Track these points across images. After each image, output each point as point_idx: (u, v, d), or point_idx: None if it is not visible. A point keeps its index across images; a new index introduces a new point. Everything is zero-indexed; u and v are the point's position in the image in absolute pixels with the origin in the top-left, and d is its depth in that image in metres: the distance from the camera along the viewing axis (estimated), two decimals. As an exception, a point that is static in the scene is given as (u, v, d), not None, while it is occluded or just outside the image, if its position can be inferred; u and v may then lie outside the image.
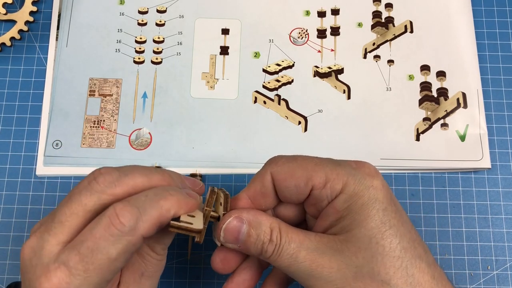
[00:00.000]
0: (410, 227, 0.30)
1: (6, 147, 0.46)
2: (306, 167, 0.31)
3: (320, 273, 0.29)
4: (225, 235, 0.31)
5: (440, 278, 0.29)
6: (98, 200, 0.28)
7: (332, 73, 0.48)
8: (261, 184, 0.32)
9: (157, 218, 0.28)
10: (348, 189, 0.30)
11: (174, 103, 0.47)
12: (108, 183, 0.28)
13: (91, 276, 0.27)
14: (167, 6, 0.50)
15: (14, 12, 0.50)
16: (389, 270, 0.28)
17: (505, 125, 0.47)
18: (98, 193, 0.28)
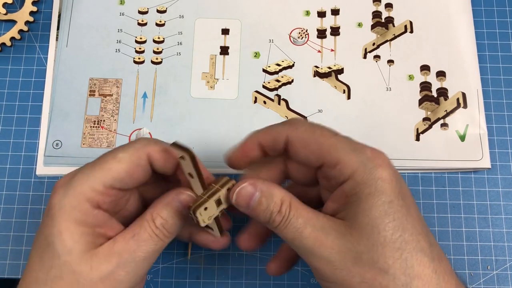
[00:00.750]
0: (417, 221, 0.30)
1: (6, 147, 0.46)
2: (321, 144, 0.31)
3: (322, 252, 0.30)
4: (237, 199, 0.32)
5: (443, 273, 0.29)
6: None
7: (332, 73, 0.48)
8: (274, 139, 0.33)
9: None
10: (357, 176, 0.30)
11: (174, 103, 0.47)
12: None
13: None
14: (167, 6, 0.50)
15: (14, 12, 0.50)
16: (388, 259, 0.29)
17: (505, 125, 0.47)
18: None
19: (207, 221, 0.32)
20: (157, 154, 0.33)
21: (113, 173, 0.31)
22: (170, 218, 0.32)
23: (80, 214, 0.30)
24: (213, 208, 0.32)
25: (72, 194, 0.31)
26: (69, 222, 0.30)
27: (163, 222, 0.32)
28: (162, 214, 0.32)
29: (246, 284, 0.43)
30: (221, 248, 0.37)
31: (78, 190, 0.31)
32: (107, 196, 0.31)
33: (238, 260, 0.43)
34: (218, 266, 0.43)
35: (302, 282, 0.43)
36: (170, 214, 0.32)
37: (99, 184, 0.31)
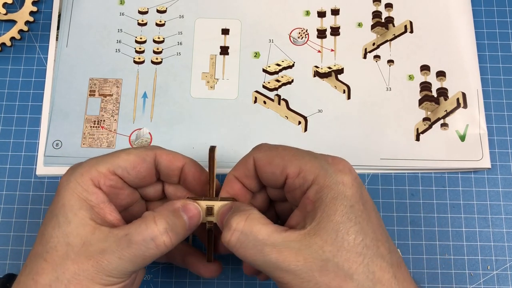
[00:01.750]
0: (377, 227, 0.31)
1: (6, 147, 0.46)
2: (283, 157, 0.33)
3: (288, 266, 0.29)
4: (216, 221, 0.34)
5: (402, 279, 0.30)
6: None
7: (332, 73, 0.48)
8: (245, 167, 0.34)
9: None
10: (319, 180, 0.31)
11: (174, 103, 0.47)
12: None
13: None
14: (167, 6, 0.50)
15: (14, 12, 0.50)
16: (352, 265, 0.29)
17: (505, 125, 0.47)
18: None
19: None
20: (164, 155, 0.35)
21: (119, 161, 0.33)
22: (177, 225, 0.32)
23: (82, 190, 0.32)
24: (202, 211, 0.34)
25: (78, 172, 0.33)
26: (72, 196, 0.32)
27: (167, 227, 0.31)
28: (168, 219, 0.32)
29: (246, 284, 0.43)
30: (211, 276, 0.37)
31: (85, 169, 0.33)
32: (108, 180, 0.33)
33: (238, 260, 0.43)
34: (218, 266, 0.43)
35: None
36: (176, 220, 0.32)
37: (104, 167, 0.33)
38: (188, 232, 0.33)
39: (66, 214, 0.31)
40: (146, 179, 0.35)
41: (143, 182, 0.35)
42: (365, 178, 0.45)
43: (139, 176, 0.34)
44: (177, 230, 0.32)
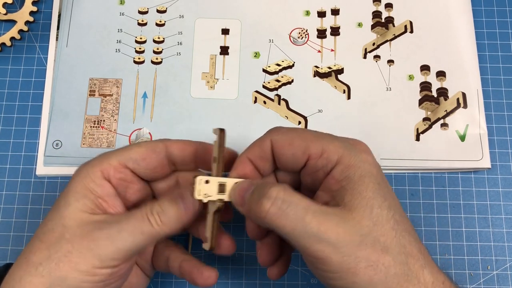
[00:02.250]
0: (399, 204, 0.32)
1: (6, 147, 0.46)
2: (304, 138, 0.33)
3: (328, 237, 0.29)
4: (233, 195, 0.33)
5: (426, 253, 0.31)
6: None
7: (332, 73, 0.48)
8: (260, 149, 0.34)
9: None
10: (344, 160, 0.31)
11: (174, 103, 0.47)
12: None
13: None
14: (167, 6, 0.50)
15: (14, 12, 0.50)
16: (387, 238, 0.30)
17: (505, 125, 0.47)
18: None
19: (202, 196, 0.32)
20: (175, 144, 0.35)
21: (130, 153, 0.34)
22: (168, 209, 0.32)
23: (89, 180, 0.33)
24: (213, 189, 0.32)
25: (90, 164, 0.34)
26: (78, 184, 0.33)
27: (159, 210, 0.32)
28: (162, 204, 0.32)
29: (246, 284, 0.43)
30: (207, 284, 0.35)
31: (97, 161, 0.34)
32: (118, 172, 0.33)
33: (238, 260, 0.43)
34: (218, 266, 0.43)
35: (302, 282, 0.43)
36: (169, 205, 0.32)
37: (115, 159, 0.34)
38: (183, 219, 0.32)
39: (67, 199, 0.32)
40: (157, 170, 0.35)
41: (154, 173, 0.35)
42: (365, 178, 0.45)
43: (149, 167, 0.34)
44: (169, 213, 0.32)
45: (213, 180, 0.32)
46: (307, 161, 0.33)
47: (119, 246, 0.31)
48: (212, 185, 0.32)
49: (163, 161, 0.35)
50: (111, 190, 0.33)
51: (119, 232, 0.31)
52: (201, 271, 0.35)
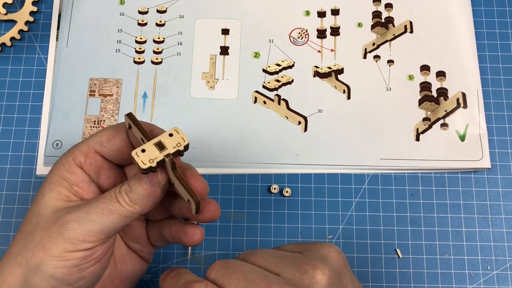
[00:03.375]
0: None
1: (6, 147, 0.46)
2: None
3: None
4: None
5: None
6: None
7: (332, 73, 0.48)
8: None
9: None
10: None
11: (174, 103, 0.47)
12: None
13: None
14: (167, 6, 0.50)
15: (14, 12, 0.50)
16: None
17: (505, 125, 0.47)
18: None
19: (148, 163, 0.30)
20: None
21: (97, 137, 0.34)
22: (135, 186, 0.32)
23: (63, 169, 0.33)
24: (153, 151, 0.31)
25: (64, 155, 0.34)
26: (53, 174, 0.33)
27: (127, 188, 0.32)
28: (129, 183, 0.32)
29: (246, 284, 0.43)
30: (195, 242, 0.35)
31: (70, 151, 0.34)
32: (87, 158, 0.34)
33: (238, 260, 0.43)
34: (218, 266, 0.43)
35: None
36: (135, 182, 0.32)
37: (84, 146, 0.34)
38: (151, 195, 0.32)
39: (43, 190, 0.33)
40: (123, 150, 0.34)
41: (122, 155, 0.34)
42: (365, 178, 0.45)
43: (115, 148, 0.34)
44: (136, 191, 0.31)
45: (147, 145, 0.31)
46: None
47: (89, 227, 0.31)
48: (150, 149, 0.31)
49: (127, 142, 0.34)
50: (84, 176, 0.33)
51: (88, 214, 0.31)
52: (184, 230, 0.35)
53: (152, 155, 0.31)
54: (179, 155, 0.31)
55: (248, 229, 0.44)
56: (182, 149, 0.31)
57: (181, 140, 0.31)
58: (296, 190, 0.45)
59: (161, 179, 0.32)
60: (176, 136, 0.31)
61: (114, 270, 0.36)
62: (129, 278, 0.37)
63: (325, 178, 0.45)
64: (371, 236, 0.44)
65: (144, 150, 0.30)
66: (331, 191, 0.45)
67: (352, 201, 0.45)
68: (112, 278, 0.36)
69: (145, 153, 0.30)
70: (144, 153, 0.30)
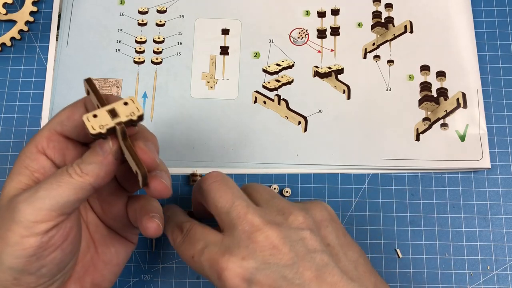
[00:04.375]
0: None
1: (6, 147, 0.46)
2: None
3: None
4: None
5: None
6: None
7: (332, 73, 0.48)
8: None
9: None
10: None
11: (174, 103, 0.47)
12: None
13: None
14: (167, 6, 0.50)
15: (14, 12, 0.50)
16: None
17: (505, 125, 0.47)
18: None
19: (98, 129, 0.29)
20: (88, 98, 0.33)
21: (56, 118, 0.33)
22: (87, 157, 0.31)
23: (25, 157, 0.32)
24: (105, 117, 0.30)
25: (26, 145, 0.33)
26: (16, 165, 0.33)
27: (79, 161, 0.31)
28: (83, 156, 0.31)
29: (246, 284, 0.43)
30: (149, 236, 0.33)
31: (32, 139, 0.33)
32: (50, 141, 0.33)
33: (238, 260, 0.43)
34: (218, 266, 0.43)
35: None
36: (87, 154, 0.31)
37: (45, 130, 0.33)
38: (103, 163, 0.31)
39: (4, 182, 0.32)
40: (80, 123, 0.33)
41: (82, 130, 0.32)
42: (365, 178, 0.45)
43: (76, 124, 0.33)
44: (88, 160, 0.30)
45: (100, 111, 0.30)
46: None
47: (38, 205, 0.29)
48: (102, 115, 0.30)
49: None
50: (46, 162, 0.32)
51: (36, 191, 0.30)
52: (141, 220, 0.34)
53: (103, 121, 0.30)
54: (132, 125, 0.30)
55: (248, 229, 0.44)
56: (135, 118, 0.30)
57: (135, 110, 0.30)
58: (296, 190, 0.45)
59: (112, 146, 0.30)
60: (131, 105, 0.30)
61: (95, 254, 0.35)
62: (113, 261, 0.36)
63: (325, 178, 0.45)
64: (371, 236, 0.44)
65: (95, 116, 0.29)
66: (331, 191, 0.45)
67: (352, 201, 0.45)
68: (94, 263, 0.35)
69: (96, 118, 0.29)
70: (95, 119, 0.29)
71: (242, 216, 0.33)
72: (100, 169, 0.30)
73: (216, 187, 0.35)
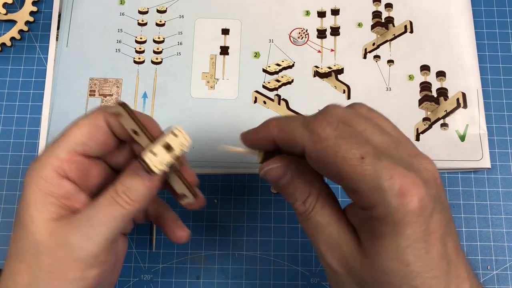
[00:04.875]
0: (435, 263, 0.28)
1: (6, 147, 0.46)
2: (341, 171, 0.27)
3: (331, 262, 0.29)
4: (266, 176, 0.31)
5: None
6: None
7: (332, 73, 0.48)
8: (290, 144, 0.30)
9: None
10: (375, 212, 0.27)
11: (174, 103, 0.47)
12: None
13: None
14: (167, 6, 0.50)
15: (14, 12, 0.50)
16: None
17: (505, 125, 0.47)
18: None
19: (160, 167, 0.30)
20: (112, 117, 0.32)
21: (74, 138, 0.31)
22: (133, 184, 0.31)
23: (46, 184, 0.31)
24: (163, 153, 0.30)
25: (39, 166, 0.31)
26: (36, 193, 0.30)
27: (124, 188, 0.30)
28: (124, 181, 0.31)
29: (246, 284, 0.43)
30: (178, 242, 0.37)
31: (45, 161, 0.31)
32: (72, 164, 0.31)
33: (238, 260, 0.44)
34: (218, 266, 0.43)
35: (302, 282, 0.43)
36: (132, 180, 0.31)
37: (62, 151, 0.31)
38: (152, 189, 0.31)
39: (30, 213, 0.30)
40: (108, 142, 0.33)
41: (107, 148, 0.33)
42: (365, 178, 0.45)
43: (100, 143, 0.32)
44: (136, 188, 0.30)
45: (157, 148, 0.30)
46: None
47: (97, 241, 0.30)
48: (159, 152, 0.30)
49: (110, 133, 0.32)
50: (71, 186, 0.31)
51: (92, 227, 0.30)
52: (173, 230, 0.36)
53: (161, 158, 0.30)
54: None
55: (248, 229, 0.44)
56: (186, 150, 0.31)
57: (184, 140, 0.31)
58: (296, 190, 0.45)
59: (162, 174, 0.31)
60: (180, 136, 0.31)
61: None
62: (120, 257, 0.36)
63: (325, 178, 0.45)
64: (371, 236, 0.44)
65: (155, 154, 0.30)
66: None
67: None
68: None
69: (156, 156, 0.30)
70: (156, 157, 0.30)
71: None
72: (148, 196, 0.31)
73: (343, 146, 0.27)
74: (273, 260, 0.43)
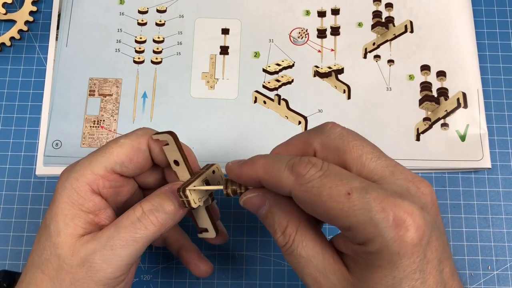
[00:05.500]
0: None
1: (6, 147, 0.46)
2: (330, 209, 0.26)
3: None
4: (246, 205, 0.30)
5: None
6: None
7: (332, 73, 0.48)
8: (274, 186, 0.28)
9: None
10: (370, 247, 0.25)
11: (174, 103, 0.47)
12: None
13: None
14: (167, 6, 0.50)
15: (14, 12, 0.50)
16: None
17: (505, 125, 0.47)
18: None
19: (198, 202, 0.31)
20: (156, 143, 0.32)
21: (114, 157, 0.31)
22: (162, 206, 0.31)
23: (78, 197, 0.31)
24: (201, 189, 0.31)
25: (74, 177, 0.31)
26: (66, 204, 0.31)
27: (152, 208, 0.31)
28: (153, 201, 0.31)
29: (246, 284, 0.43)
30: (200, 275, 0.38)
31: (80, 173, 0.31)
32: (107, 181, 0.32)
33: (238, 260, 0.43)
34: (218, 266, 0.43)
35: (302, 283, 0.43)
36: (162, 201, 0.31)
37: (100, 167, 0.31)
38: (178, 214, 0.31)
39: (57, 224, 0.30)
40: (145, 165, 0.33)
41: (142, 170, 0.33)
42: (365, 178, 0.45)
43: (137, 166, 0.33)
44: (164, 210, 0.31)
45: (197, 182, 0.31)
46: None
47: (117, 264, 0.30)
48: (198, 186, 0.31)
49: (149, 157, 0.33)
50: (101, 202, 0.31)
51: (113, 250, 0.30)
52: (198, 265, 0.37)
53: (200, 194, 0.31)
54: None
55: (248, 229, 0.44)
56: (220, 188, 0.31)
57: (219, 179, 0.33)
58: (296, 190, 0.45)
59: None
60: (217, 173, 0.33)
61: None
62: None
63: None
64: (371, 236, 0.44)
65: (195, 189, 0.31)
66: (331, 191, 0.45)
67: (352, 201, 0.45)
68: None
69: (196, 192, 0.31)
70: (195, 192, 0.31)
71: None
72: (172, 221, 0.31)
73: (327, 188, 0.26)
74: (273, 260, 0.43)
